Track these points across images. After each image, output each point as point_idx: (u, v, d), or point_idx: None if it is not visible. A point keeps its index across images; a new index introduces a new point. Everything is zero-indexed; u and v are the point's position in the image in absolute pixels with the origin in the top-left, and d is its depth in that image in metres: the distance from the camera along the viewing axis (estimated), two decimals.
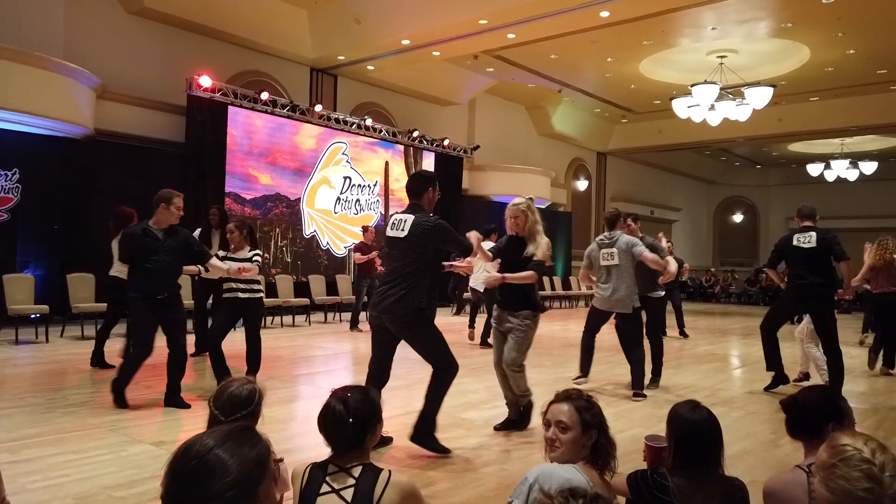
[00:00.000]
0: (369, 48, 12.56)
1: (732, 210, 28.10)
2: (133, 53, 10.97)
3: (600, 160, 22.12)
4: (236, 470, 1.08)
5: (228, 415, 2.03)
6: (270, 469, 1.16)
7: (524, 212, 4.60)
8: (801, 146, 21.91)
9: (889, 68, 14.24)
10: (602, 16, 10.76)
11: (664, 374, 6.99)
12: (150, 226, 5.13)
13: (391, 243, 4.12)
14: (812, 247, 6.02)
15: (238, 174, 11.88)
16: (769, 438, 4.65)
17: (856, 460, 1.44)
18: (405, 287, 3.95)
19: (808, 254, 6.05)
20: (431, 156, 15.62)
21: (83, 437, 4.18)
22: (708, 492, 2.03)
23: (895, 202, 23.46)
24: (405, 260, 4.01)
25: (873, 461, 1.43)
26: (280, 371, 6.87)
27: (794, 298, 6.31)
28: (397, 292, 3.95)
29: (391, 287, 4.00)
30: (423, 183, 4.21)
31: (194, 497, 1.05)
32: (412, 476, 3.46)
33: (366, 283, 10.35)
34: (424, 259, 4.02)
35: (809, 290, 6.04)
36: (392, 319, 4.00)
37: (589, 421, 2.11)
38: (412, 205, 4.17)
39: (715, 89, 12.87)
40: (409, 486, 1.95)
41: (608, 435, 2.13)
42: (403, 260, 4.02)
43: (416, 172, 4.40)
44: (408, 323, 3.99)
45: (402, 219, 4.07)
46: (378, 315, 4.08)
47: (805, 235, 6.11)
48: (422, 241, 3.98)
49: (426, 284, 4.04)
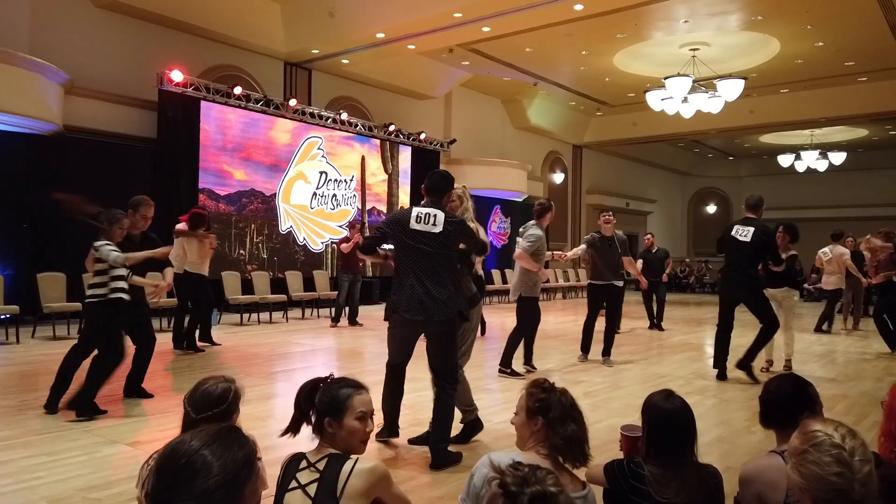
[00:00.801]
0: (343, 42, 12.47)
1: (706, 201, 28.47)
2: (102, 48, 10.76)
3: (576, 153, 22.24)
4: (224, 471, 1.08)
5: (200, 412, 2.00)
6: (257, 469, 1.17)
7: (460, 196, 4.46)
8: (772, 138, 22.26)
9: (857, 60, 14.51)
10: (576, 9, 10.79)
11: (641, 364, 7.10)
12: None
13: (418, 237, 3.88)
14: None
15: (212, 170, 11.74)
16: (743, 426, 4.73)
17: (826, 445, 1.47)
18: (451, 287, 3.89)
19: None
20: (408, 150, 15.58)
21: (56, 438, 4.11)
22: (682, 479, 2.06)
23: (864, 192, 23.98)
24: (441, 255, 3.89)
25: (843, 446, 1.46)
26: (257, 368, 6.82)
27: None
28: (442, 290, 3.84)
29: (434, 285, 3.85)
30: (446, 183, 4.10)
31: (181, 497, 1.05)
32: (392, 470, 3.46)
33: (348, 279, 10.34)
34: (454, 256, 4.00)
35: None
36: (442, 322, 3.87)
37: (532, 407, 2.08)
38: (433, 201, 4.00)
39: (688, 82, 13.00)
40: (376, 470, 1.90)
41: (568, 425, 2.06)
42: (439, 255, 3.88)
43: (437, 171, 4.21)
44: (452, 326, 3.91)
45: (430, 213, 3.91)
46: (413, 317, 3.86)
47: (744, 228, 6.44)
48: (454, 237, 3.92)
49: (461, 283, 4.05)
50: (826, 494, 1.44)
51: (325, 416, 2.00)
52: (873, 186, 23.98)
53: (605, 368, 7.08)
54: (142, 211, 5.15)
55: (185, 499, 1.04)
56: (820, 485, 1.44)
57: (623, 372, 7.02)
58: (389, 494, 1.96)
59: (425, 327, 3.90)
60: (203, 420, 1.97)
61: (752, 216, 6.49)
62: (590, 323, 7.41)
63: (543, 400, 2.09)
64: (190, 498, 1.04)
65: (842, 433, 1.49)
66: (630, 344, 9.08)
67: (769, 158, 24.54)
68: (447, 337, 3.92)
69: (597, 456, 3.77)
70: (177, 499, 1.05)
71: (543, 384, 2.16)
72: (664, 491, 2.04)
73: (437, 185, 4.06)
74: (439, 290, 3.83)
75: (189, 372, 6.58)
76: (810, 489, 1.46)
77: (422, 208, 3.97)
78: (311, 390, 2.07)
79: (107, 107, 10.66)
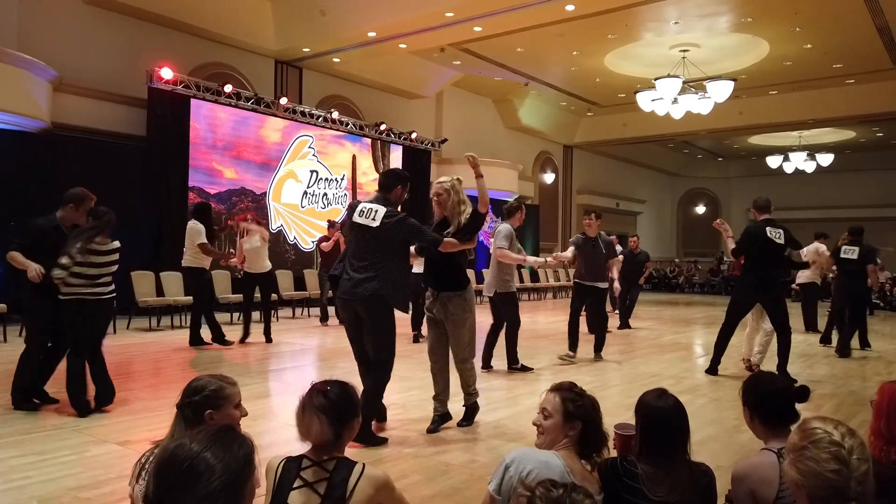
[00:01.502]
0: (335, 40, 12.44)
1: (695, 202, 28.64)
2: (91, 44, 10.67)
3: (567, 153, 22.30)
4: (227, 471, 1.10)
5: (180, 400, 2.10)
6: (255, 466, 1.19)
7: (447, 190, 4.46)
8: (761, 139, 22.42)
9: (845, 63, 14.64)
10: (567, 9, 10.82)
11: (631, 363, 7.12)
12: (59, 223, 4.89)
13: (360, 230, 4.17)
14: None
15: (202, 168, 11.68)
16: (733, 424, 4.76)
17: (825, 443, 1.48)
18: (372, 272, 4.08)
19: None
20: (399, 149, 15.56)
21: (46, 438, 4.08)
22: (675, 477, 2.07)
23: (851, 193, 24.21)
24: (374, 247, 4.12)
25: (842, 444, 1.47)
26: (247, 367, 6.80)
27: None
28: (364, 276, 4.08)
29: (358, 272, 4.11)
30: (395, 180, 4.29)
31: (186, 501, 1.06)
32: (384, 468, 3.46)
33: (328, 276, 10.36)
34: (391, 249, 4.14)
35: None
36: (359, 302, 4.10)
37: (572, 411, 2.16)
38: (381, 197, 4.23)
39: (678, 83, 13.07)
40: (383, 478, 1.96)
41: (597, 428, 2.18)
42: (372, 247, 4.12)
43: (391, 169, 4.44)
44: (369, 307, 4.09)
45: (372, 208, 4.14)
46: (348, 298, 4.15)
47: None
48: (390, 232, 4.08)
49: (393, 274, 4.13)
50: (823, 491, 1.45)
51: (353, 419, 2.05)
52: (860, 188, 24.23)
53: (595, 367, 7.11)
54: (87, 205, 5.08)
55: (191, 501, 1.05)
56: (817, 481, 1.46)
57: (613, 371, 7.05)
58: (393, 501, 2.01)
59: (352, 305, 4.15)
60: (180, 408, 2.07)
61: (770, 217, 6.49)
62: (573, 320, 7.44)
63: (583, 406, 2.18)
64: (195, 500, 1.05)
65: (841, 432, 1.51)
66: (620, 343, 9.12)
67: (758, 159, 24.72)
68: (369, 318, 4.11)
69: None
70: (182, 502, 1.05)
71: (575, 388, 2.25)
72: (657, 489, 2.05)
73: (385, 181, 4.30)
74: (359, 272, 4.10)
75: (180, 371, 6.54)
76: (807, 485, 1.47)
77: (367, 203, 4.20)
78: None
79: (96, 104, 10.58)
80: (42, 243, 4.72)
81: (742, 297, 6.75)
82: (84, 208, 4.99)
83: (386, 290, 4.07)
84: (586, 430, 2.15)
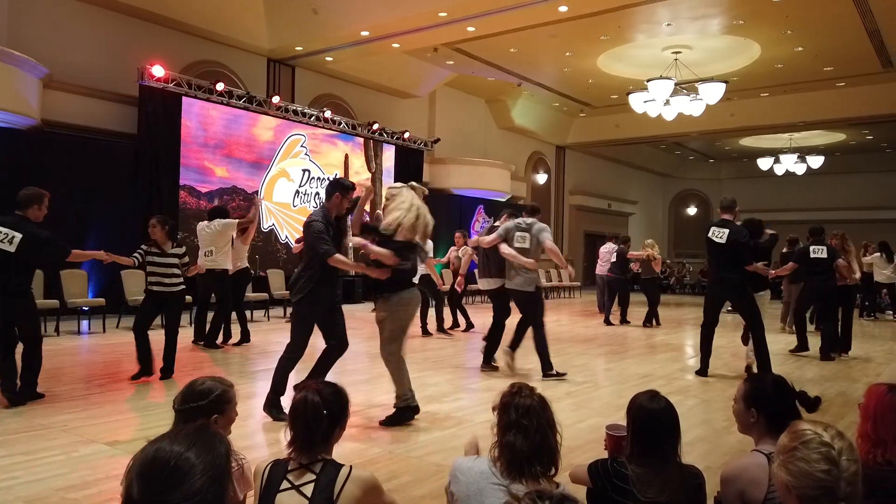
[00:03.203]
0: (327, 39, 12.41)
1: (687, 203, 28.76)
2: (82, 41, 10.60)
3: (559, 154, 22.35)
4: (212, 466, 1.11)
5: (179, 404, 2.07)
6: (233, 462, 1.20)
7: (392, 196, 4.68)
8: (752, 141, 22.54)
9: (835, 66, 14.73)
10: (560, 10, 10.85)
11: (623, 364, 7.12)
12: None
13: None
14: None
15: (193, 167, 11.62)
16: (723, 426, 4.78)
17: (815, 443, 1.50)
18: (301, 271, 4.60)
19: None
20: (391, 149, 15.55)
21: (33, 437, 4.05)
22: (665, 479, 2.08)
23: (841, 195, 24.36)
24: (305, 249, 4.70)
25: (832, 445, 1.49)
26: (238, 367, 6.77)
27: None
28: (296, 275, 4.66)
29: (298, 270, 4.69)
30: (331, 188, 4.71)
31: (175, 498, 1.07)
32: (375, 469, 3.46)
33: None
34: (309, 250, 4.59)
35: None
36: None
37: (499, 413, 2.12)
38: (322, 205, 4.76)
39: (670, 84, 13.12)
40: (370, 479, 1.96)
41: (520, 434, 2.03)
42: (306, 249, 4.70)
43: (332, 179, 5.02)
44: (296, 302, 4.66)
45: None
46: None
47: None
48: (305, 235, 4.66)
49: (314, 273, 4.53)
50: (812, 491, 1.46)
51: (344, 419, 2.06)
52: (850, 190, 24.40)
53: (586, 368, 7.12)
54: (46, 202, 5.10)
55: (180, 499, 1.06)
56: (807, 481, 1.47)
57: (604, 372, 7.07)
58: (381, 502, 2.01)
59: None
60: (181, 413, 2.05)
61: (726, 218, 6.58)
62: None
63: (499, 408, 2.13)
64: (184, 498, 1.07)
65: (832, 434, 1.52)
66: (611, 344, 9.15)
67: (749, 161, 24.85)
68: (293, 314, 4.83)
69: (579, 455, 3.81)
70: (170, 502, 1.07)
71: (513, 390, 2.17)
72: (647, 490, 2.06)
73: (326, 188, 4.80)
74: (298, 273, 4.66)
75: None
76: (797, 486, 1.48)
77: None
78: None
79: (86, 101, 10.51)
80: None
81: (707, 296, 7.12)
82: (44, 206, 5.04)
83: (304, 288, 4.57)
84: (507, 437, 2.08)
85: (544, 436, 2.02)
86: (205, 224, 7.85)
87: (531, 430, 2.01)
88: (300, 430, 1.97)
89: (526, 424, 2.02)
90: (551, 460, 2.03)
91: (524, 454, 1.98)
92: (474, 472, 2.06)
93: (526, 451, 1.99)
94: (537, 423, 2.03)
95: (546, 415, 2.07)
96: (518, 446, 1.99)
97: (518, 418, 2.03)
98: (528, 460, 1.98)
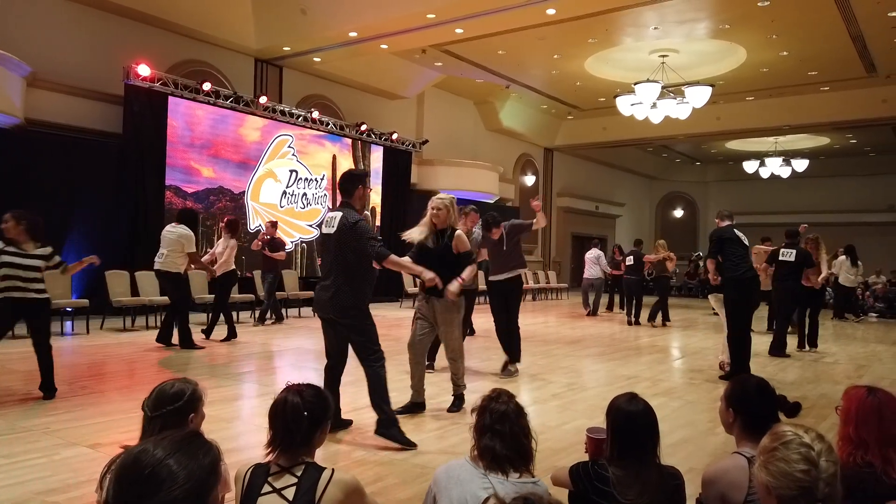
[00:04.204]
0: (315, 40, 12.38)
1: (673, 205, 28.93)
2: (66, 40, 10.50)
3: (547, 156, 22.41)
4: (190, 479, 1.07)
5: (155, 410, 2.02)
6: (221, 474, 1.16)
7: (447, 206, 4.87)
8: (738, 144, 22.70)
9: (819, 70, 14.88)
10: (548, 13, 10.88)
11: (609, 365, 7.14)
12: None
13: (324, 240, 4.35)
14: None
15: (179, 167, 11.54)
16: (707, 427, 4.82)
17: (796, 444, 1.52)
18: (338, 282, 4.17)
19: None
20: (380, 150, 15.52)
21: (14, 440, 4.01)
22: (645, 481, 2.09)
23: (825, 198, 24.59)
24: (335, 255, 4.21)
25: (812, 447, 1.51)
26: (224, 369, 6.73)
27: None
28: (331, 287, 4.20)
29: (327, 281, 4.24)
30: (353, 182, 4.34)
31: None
32: (359, 472, 3.45)
33: (268, 278, 10.40)
34: (352, 254, 4.16)
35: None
36: (333, 312, 4.22)
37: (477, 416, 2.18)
38: (343, 203, 4.35)
39: (657, 88, 13.19)
40: (353, 483, 1.95)
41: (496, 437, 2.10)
42: (335, 255, 4.22)
43: (346, 172, 4.47)
44: (344, 315, 4.20)
45: (333, 216, 4.28)
46: (320, 309, 4.34)
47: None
48: (345, 237, 4.16)
49: (357, 280, 4.20)
50: (791, 491, 1.48)
51: (326, 422, 2.06)
52: (834, 193, 24.64)
53: (572, 370, 7.14)
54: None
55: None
56: (786, 481, 1.48)
57: (590, 373, 7.10)
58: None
59: (331, 322, 4.27)
60: (158, 418, 2.00)
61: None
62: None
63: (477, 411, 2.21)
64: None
65: (812, 436, 1.55)
66: (598, 345, 9.18)
67: (735, 164, 25.04)
68: (350, 329, 4.22)
69: (564, 457, 3.82)
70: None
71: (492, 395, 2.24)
72: (628, 493, 2.07)
73: (343, 185, 4.36)
74: (329, 284, 4.20)
75: (154, 373, 6.45)
76: (776, 486, 1.50)
77: (331, 212, 4.35)
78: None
79: (71, 100, 10.40)
80: None
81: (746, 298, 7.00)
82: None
83: (353, 300, 4.19)
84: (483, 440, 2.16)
85: (518, 441, 2.09)
86: (170, 226, 7.82)
87: (505, 435, 2.07)
88: (279, 430, 1.96)
89: (499, 430, 2.08)
90: (526, 465, 2.09)
91: (502, 456, 2.05)
92: (453, 466, 2.12)
93: (504, 454, 2.05)
94: (510, 429, 2.08)
95: (520, 422, 2.12)
96: (497, 449, 2.06)
97: (492, 423, 2.10)
98: (506, 461, 2.06)
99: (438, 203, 4.88)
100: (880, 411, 2.07)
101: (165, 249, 7.66)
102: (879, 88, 15.79)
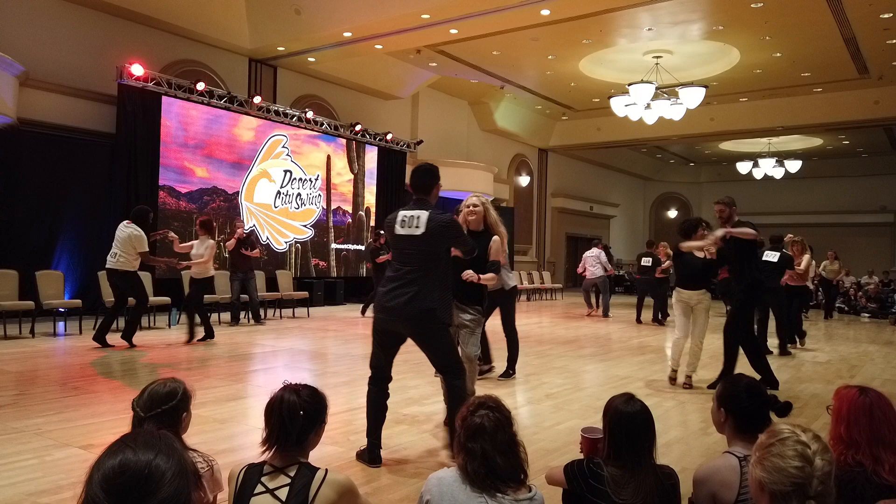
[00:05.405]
0: (310, 40, 12.36)
1: (667, 206, 29.02)
2: (59, 39, 10.45)
3: (542, 156, 22.44)
4: (177, 470, 1.09)
5: (148, 411, 2.04)
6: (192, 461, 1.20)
7: (484, 203, 4.66)
8: (731, 145, 22.80)
9: (812, 71, 14.96)
10: (543, 14, 10.90)
11: (603, 365, 7.15)
12: None
13: (403, 241, 3.75)
14: None
15: (172, 167, 11.51)
16: (699, 427, 4.83)
17: (792, 441, 1.53)
18: (418, 286, 3.66)
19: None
20: (374, 150, 15.52)
21: (5, 441, 3.98)
22: (640, 481, 2.10)
23: (818, 199, 24.73)
24: (420, 258, 3.71)
25: (808, 444, 1.53)
26: (218, 369, 6.71)
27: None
28: (410, 291, 3.66)
29: (403, 286, 3.68)
30: (432, 177, 3.87)
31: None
32: (353, 472, 3.45)
33: (238, 278, 10.38)
34: (439, 257, 3.76)
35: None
36: (404, 318, 3.70)
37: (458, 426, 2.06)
38: (420, 199, 3.82)
39: (651, 89, 13.23)
40: (346, 483, 1.95)
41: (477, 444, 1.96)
42: (418, 258, 3.71)
43: (420, 166, 3.97)
44: (420, 323, 3.70)
45: (414, 215, 3.73)
46: (386, 317, 3.75)
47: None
48: (438, 238, 3.71)
49: (440, 283, 3.74)
50: (783, 487, 1.49)
51: (321, 423, 2.04)
52: (827, 194, 24.78)
53: (566, 370, 7.15)
54: None
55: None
56: (780, 476, 1.49)
57: (584, 374, 7.10)
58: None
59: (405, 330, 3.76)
60: (152, 418, 2.01)
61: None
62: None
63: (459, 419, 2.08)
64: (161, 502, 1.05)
65: (809, 435, 1.56)
66: (593, 345, 9.20)
67: (728, 165, 25.14)
68: (423, 337, 3.75)
69: (558, 457, 3.82)
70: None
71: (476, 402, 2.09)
72: (622, 492, 2.08)
73: (420, 181, 3.83)
74: (407, 289, 3.66)
75: (142, 373, 6.43)
76: (770, 481, 1.51)
77: (407, 210, 3.79)
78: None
79: (64, 100, 10.36)
80: None
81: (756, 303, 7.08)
82: None
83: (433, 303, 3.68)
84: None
85: (492, 462, 1.93)
86: (123, 224, 7.75)
87: (476, 454, 1.93)
88: (274, 428, 1.95)
89: (471, 448, 1.94)
90: (514, 476, 1.96)
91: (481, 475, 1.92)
92: (446, 481, 2.00)
93: (482, 472, 1.92)
94: (481, 448, 1.93)
95: (499, 436, 1.95)
96: (471, 470, 1.93)
97: (465, 441, 1.96)
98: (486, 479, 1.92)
99: (476, 201, 4.52)
100: (871, 411, 2.08)
101: (118, 249, 7.61)
102: (872, 90, 15.88)
